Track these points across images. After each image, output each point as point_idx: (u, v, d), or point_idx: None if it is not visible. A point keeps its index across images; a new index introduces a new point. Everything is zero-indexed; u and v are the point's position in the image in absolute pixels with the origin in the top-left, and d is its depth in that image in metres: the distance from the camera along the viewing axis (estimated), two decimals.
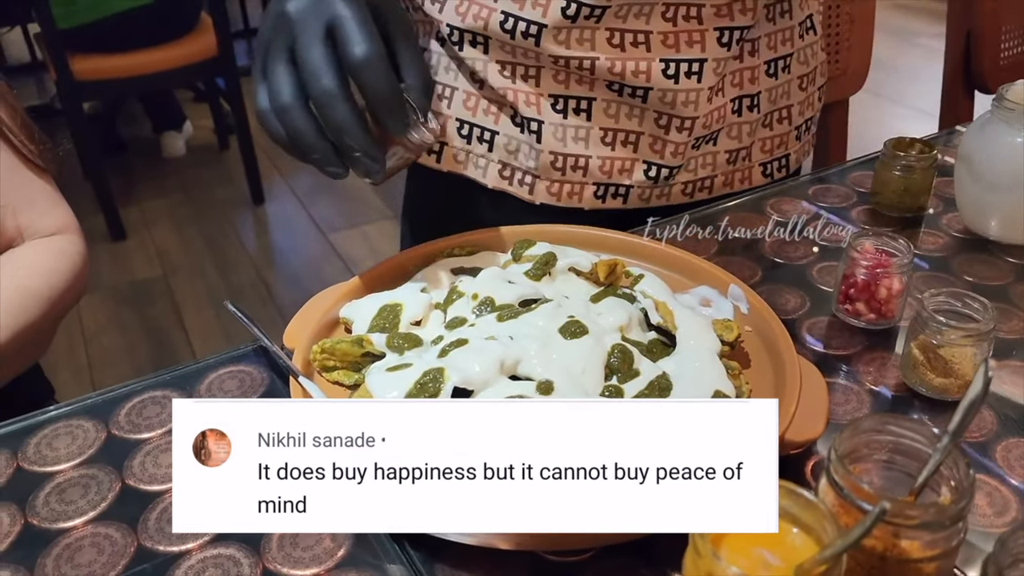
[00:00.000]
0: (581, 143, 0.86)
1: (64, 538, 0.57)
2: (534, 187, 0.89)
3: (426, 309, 0.71)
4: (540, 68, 0.84)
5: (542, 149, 0.86)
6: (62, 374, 2.27)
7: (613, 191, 0.89)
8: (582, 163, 0.87)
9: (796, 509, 0.44)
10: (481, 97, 0.88)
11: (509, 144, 0.88)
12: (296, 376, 0.64)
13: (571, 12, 0.79)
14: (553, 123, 0.86)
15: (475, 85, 0.88)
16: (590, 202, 0.90)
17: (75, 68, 2.58)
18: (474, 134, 0.89)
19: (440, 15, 0.85)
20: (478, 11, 0.82)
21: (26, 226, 0.91)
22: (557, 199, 0.89)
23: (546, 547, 0.55)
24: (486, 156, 0.90)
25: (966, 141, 0.87)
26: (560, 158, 0.87)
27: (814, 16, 0.94)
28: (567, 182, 0.88)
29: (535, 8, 0.80)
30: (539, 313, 0.67)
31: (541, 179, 0.89)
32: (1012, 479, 0.60)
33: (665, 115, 0.85)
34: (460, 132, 0.90)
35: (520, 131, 0.87)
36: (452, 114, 0.89)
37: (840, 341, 0.74)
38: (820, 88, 0.98)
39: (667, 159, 0.87)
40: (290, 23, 0.63)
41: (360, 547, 0.56)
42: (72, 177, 2.98)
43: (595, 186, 0.89)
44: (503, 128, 0.88)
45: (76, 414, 0.67)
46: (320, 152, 0.64)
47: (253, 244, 2.97)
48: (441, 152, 0.91)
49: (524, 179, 0.89)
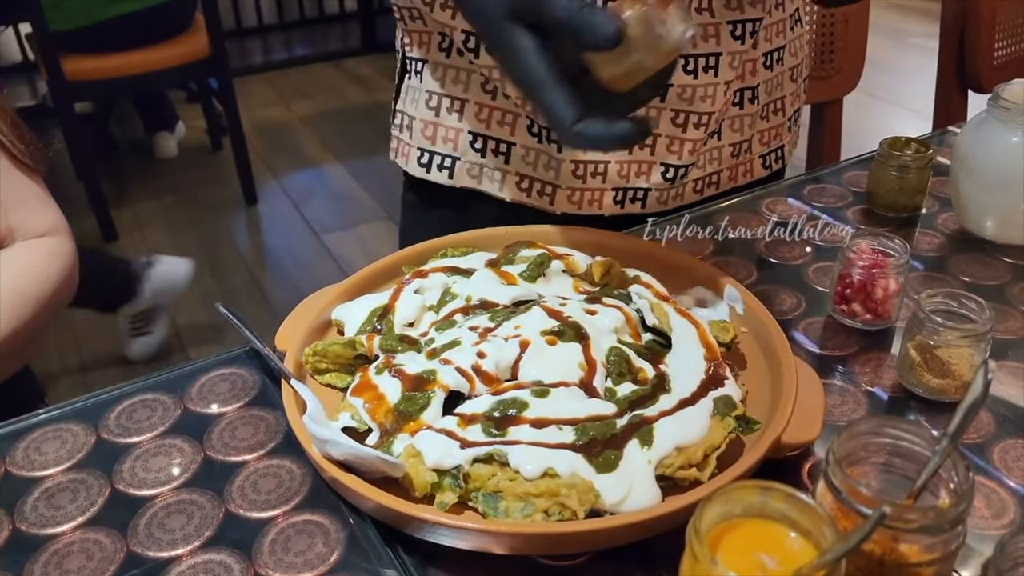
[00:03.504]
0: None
1: (53, 544, 0.56)
2: (554, 197, 0.87)
3: (419, 311, 0.70)
4: None
5: (563, 158, 0.85)
6: (54, 376, 2.26)
7: (631, 195, 0.88)
8: (601, 169, 0.86)
9: (794, 513, 0.44)
10: (494, 108, 0.86)
11: (527, 155, 0.86)
12: (288, 379, 0.63)
13: None
14: None
15: (487, 96, 0.85)
16: (609, 208, 0.88)
17: (67, 69, 2.57)
18: (488, 147, 0.87)
19: (454, 21, 0.82)
20: None
21: (16, 227, 0.90)
22: (578, 207, 0.88)
23: (541, 551, 0.55)
24: (502, 169, 0.87)
25: (962, 140, 0.87)
26: (580, 166, 0.85)
27: (800, 9, 0.95)
28: (587, 189, 0.87)
29: None
30: (533, 315, 0.66)
31: (562, 188, 0.87)
32: (1010, 481, 0.60)
33: (682, 112, 0.85)
34: (473, 145, 0.87)
35: (537, 141, 0.85)
36: (464, 127, 0.87)
37: (836, 342, 0.74)
38: (805, 80, 0.99)
39: (684, 158, 0.87)
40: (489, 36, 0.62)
41: (353, 552, 0.55)
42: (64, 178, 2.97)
43: (614, 191, 0.87)
44: (520, 139, 0.86)
45: (65, 418, 0.67)
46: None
47: (246, 245, 2.96)
48: (453, 168, 0.89)
49: (544, 190, 0.87)
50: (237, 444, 0.64)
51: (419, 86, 0.89)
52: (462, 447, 0.56)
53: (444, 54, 0.86)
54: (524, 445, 0.56)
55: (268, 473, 0.61)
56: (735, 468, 0.55)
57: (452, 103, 0.87)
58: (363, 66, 4.40)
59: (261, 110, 3.89)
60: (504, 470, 0.55)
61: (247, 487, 0.60)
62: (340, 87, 4.18)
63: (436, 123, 0.88)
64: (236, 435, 0.64)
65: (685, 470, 0.56)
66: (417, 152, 0.90)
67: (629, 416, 0.59)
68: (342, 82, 4.23)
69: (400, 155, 0.93)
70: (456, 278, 0.73)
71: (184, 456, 0.63)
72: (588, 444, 0.56)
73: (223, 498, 0.59)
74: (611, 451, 0.56)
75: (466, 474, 0.55)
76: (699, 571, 0.42)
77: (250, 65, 4.39)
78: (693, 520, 0.42)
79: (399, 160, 0.94)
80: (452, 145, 0.88)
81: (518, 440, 0.56)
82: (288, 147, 3.58)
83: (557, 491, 0.53)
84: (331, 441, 0.56)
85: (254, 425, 0.65)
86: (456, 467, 0.56)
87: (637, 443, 0.56)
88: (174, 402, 0.68)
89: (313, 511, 0.58)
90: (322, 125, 3.76)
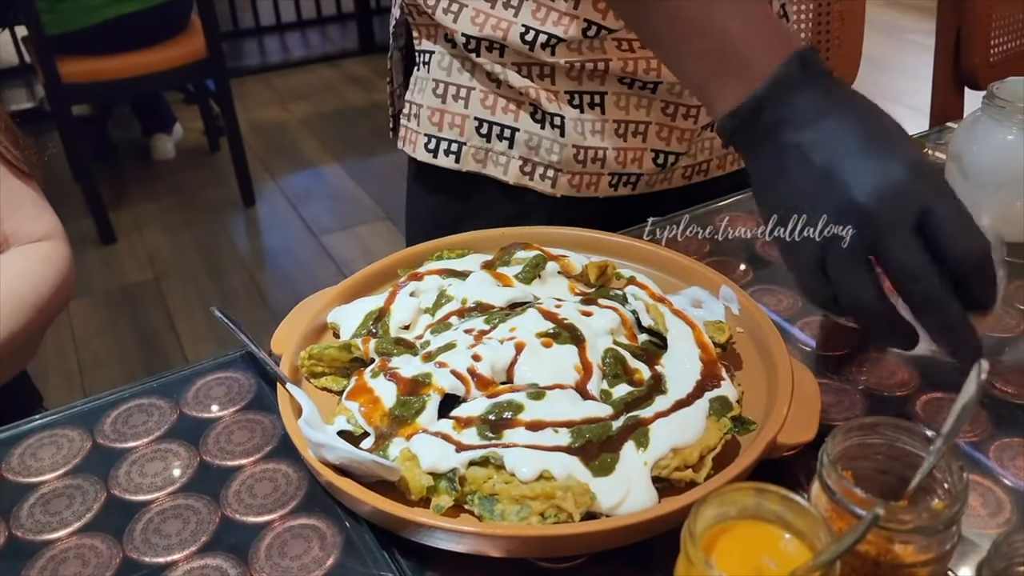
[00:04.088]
0: (598, 136, 0.88)
1: (48, 550, 0.56)
2: (556, 181, 0.91)
3: (415, 313, 0.70)
4: (554, 67, 0.86)
5: (566, 143, 0.88)
6: (52, 380, 2.26)
7: (625, 179, 0.92)
8: (600, 155, 0.89)
9: (789, 515, 0.44)
10: (499, 96, 0.89)
11: (530, 140, 0.89)
12: (284, 383, 0.63)
13: (592, 33, 0.82)
14: (573, 118, 0.87)
15: (492, 84, 0.89)
16: (604, 191, 0.92)
17: (63, 71, 2.57)
18: (493, 132, 0.90)
19: (454, 24, 0.85)
20: (496, 23, 0.83)
21: (11, 232, 0.90)
22: (577, 190, 0.91)
23: (537, 554, 0.55)
24: (507, 153, 0.90)
25: (957, 138, 0.87)
26: (582, 151, 0.89)
27: (786, 5, 0.96)
28: (586, 173, 0.90)
29: (556, 25, 0.82)
30: (528, 317, 0.66)
31: (563, 172, 0.90)
32: (1006, 479, 0.60)
33: (672, 104, 0.88)
34: (479, 131, 0.90)
35: (541, 127, 0.89)
36: (470, 113, 0.90)
37: (832, 342, 0.74)
38: None
39: (673, 146, 0.91)
40: (866, 215, 0.56)
41: (349, 556, 0.55)
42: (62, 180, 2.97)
43: (610, 176, 0.91)
44: (523, 124, 0.89)
45: (61, 423, 0.67)
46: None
47: (244, 246, 2.96)
48: (460, 152, 0.92)
49: (547, 173, 0.91)
50: (233, 448, 0.64)
51: (426, 76, 0.92)
52: (458, 450, 0.56)
53: (450, 45, 0.89)
54: (520, 448, 0.56)
55: (264, 477, 0.61)
56: (731, 469, 0.55)
57: (459, 91, 0.90)
58: (360, 67, 4.40)
59: (259, 111, 3.89)
60: (500, 473, 0.55)
61: (243, 491, 0.60)
62: (338, 88, 4.18)
63: (443, 110, 0.91)
64: (232, 439, 0.64)
65: (681, 471, 0.56)
66: (424, 138, 0.93)
67: (625, 418, 0.59)
68: (340, 83, 4.23)
69: (407, 143, 0.96)
70: (452, 280, 0.73)
71: (180, 461, 0.63)
72: (584, 446, 0.56)
73: (219, 503, 0.59)
74: (607, 454, 0.56)
75: (462, 477, 0.55)
76: (694, 573, 0.42)
77: (247, 66, 4.39)
78: (688, 522, 0.42)
79: (407, 147, 0.96)
80: (459, 131, 0.90)
81: (514, 443, 0.56)
82: (286, 148, 3.58)
83: (553, 494, 0.53)
84: (327, 445, 0.56)
85: (250, 429, 0.65)
86: (452, 470, 0.55)
87: (633, 445, 0.56)
88: (170, 407, 0.68)
89: (309, 515, 0.58)
90: (320, 126, 3.76)
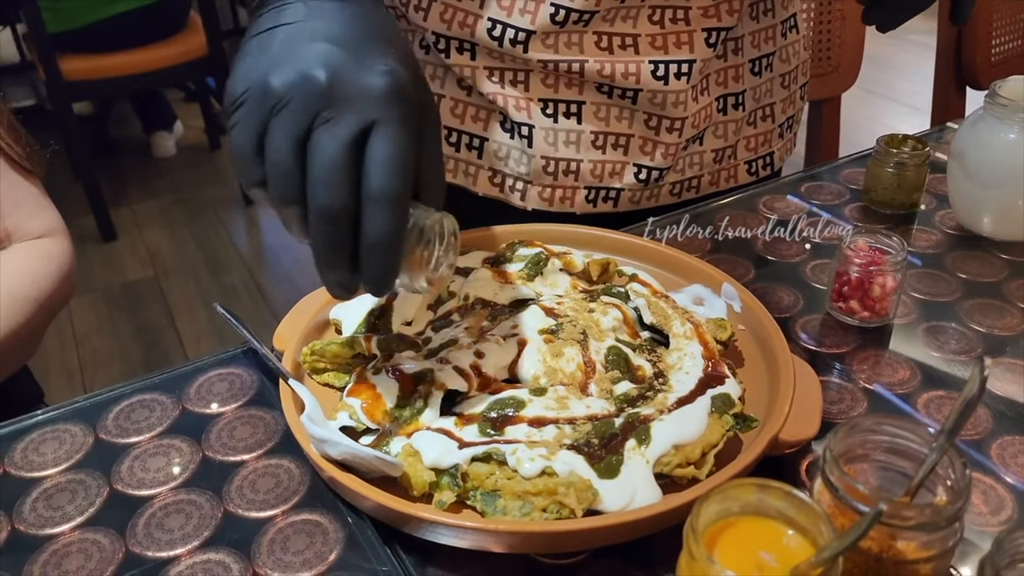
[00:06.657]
0: (572, 147, 0.86)
1: (51, 544, 0.56)
2: (526, 193, 0.88)
3: (417, 310, 0.70)
4: (529, 72, 0.83)
5: (534, 154, 0.86)
6: (53, 376, 2.26)
7: (604, 194, 0.88)
8: (573, 167, 0.86)
9: (791, 511, 0.44)
10: (469, 104, 0.87)
11: (499, 150, 0.87)
12: (286, 378, 0.63)
13: (560, 18, 0.78)
14: (544, 127, 0.85)
15: (463, 92, 0.87)
16: (581, 206, 0.89)
17: (64, 69, 2.57)
18: (463, 141, 0.88)
19: (425, 23, 0.83)
20: (463, 18, 0.81)
21: (13, 229, 0.90)
22: (549, 204, 0.89)
23: (539, 550, 0.55)
24: (475, 163, 0.89)
25: (959, 137, 0.87)
26: (552, 162, 0.86)
27: (797, 15, 0.94)
28: (559, 187, 0.88)
29: (523, 15, 0.79)
30: (530, 314, 0.66)
31: (533, 184, 0.88)
32: (1007, 477, 0.60)
33: (655, 116, 0.85)
34: (448, 140, 0.88)
35: (510, 136, 0.86)
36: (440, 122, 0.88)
37: (834, 339, 0.74)
38: (802, 87, 0.99)
39: (657, 161, 0.87)
40: (316, 98, 0.51)
41: (352, 551, 0.55)
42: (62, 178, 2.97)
43: (586, 190, 0.88)
44: (492, 134, 0.87)
45: (63, 418, 0.67)
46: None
47: (245, 244, 2.95)
48: None
49: (516, 185, 0.89)
50: (235, 444, 0.64)
51: None
52: (460, 447, 0.56)
53: (424, 51, 0.87)
54: (522, 444, 0.56)
55: (266, 473, 0.61)
56: (733, 466, 0.55)
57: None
58: None
59: None
60: (502, 469, 0.55)
61: (245, 487, 0.60)
62: None
63: None
64: (234, 435, 0.64)
65: (683, 468, 0.56)
66: None
67: (627, 415, 0.59)
68: None
69: None
70: (454, 277, 0.73)
71: (183, 456, 0.63)
72: (586, 444, 0.56)
73: (222, 498, 0.59)
74: (613, 455, 0.56)
75: (464, 473, 0.55)
76: (696, 569, 0.42)
77: None
78: (690, 518, 0.43)
79: None
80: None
81: (516, 439, 0.57)
82: None
83: (555, 490, 0.53)
84: (329, 441, 0.56)
85: (252, 425, 0.65)
86: (454, 466, 0.56)
87: (635, 442, 0.56)
88: (172, 402, 0.68)
89: (311, 511, 0.58)
90: None
